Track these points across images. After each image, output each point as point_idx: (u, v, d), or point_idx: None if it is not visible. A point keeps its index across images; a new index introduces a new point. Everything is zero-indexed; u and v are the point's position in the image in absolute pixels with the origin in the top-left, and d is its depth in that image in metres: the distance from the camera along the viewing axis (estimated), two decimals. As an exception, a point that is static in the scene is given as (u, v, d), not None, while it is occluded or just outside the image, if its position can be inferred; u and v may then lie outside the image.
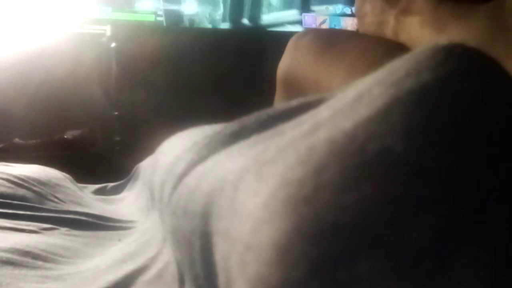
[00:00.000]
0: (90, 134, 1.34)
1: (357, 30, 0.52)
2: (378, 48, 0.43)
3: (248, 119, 0.24)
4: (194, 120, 0.38)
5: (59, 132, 1.31)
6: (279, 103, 0.53)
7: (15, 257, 0.41)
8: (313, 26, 1.57)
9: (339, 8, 1.60)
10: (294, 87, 0.50)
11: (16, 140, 1.27)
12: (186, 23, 1.58)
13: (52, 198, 0.59)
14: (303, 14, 1.59)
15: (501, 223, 0.13)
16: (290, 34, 0.52)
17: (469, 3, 0.38)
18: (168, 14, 1.54)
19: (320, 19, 1.60)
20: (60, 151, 1.27)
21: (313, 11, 1.60)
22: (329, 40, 0.48)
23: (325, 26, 1.58)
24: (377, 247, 0.12)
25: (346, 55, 0.44)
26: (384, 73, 0.16)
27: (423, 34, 0.40)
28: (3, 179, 0.57)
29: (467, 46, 0.16)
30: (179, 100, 1.31)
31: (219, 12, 1.61)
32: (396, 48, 0.42)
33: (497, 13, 0.35)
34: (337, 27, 1.57)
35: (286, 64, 0.51)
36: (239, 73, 1.34)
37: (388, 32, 0.44)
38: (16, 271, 0.39)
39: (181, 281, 0.33)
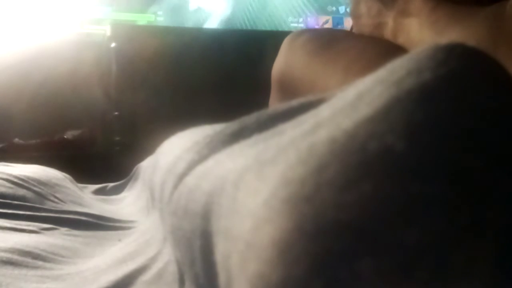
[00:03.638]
0: (90, 134, 1.34)
1: (351, 30, 0.51)
2: (374, 48, 0.42)
3: (249, 119, 0.24)
4: (194, 120, 0.38)
5: (59, 132, 1.31)
6: (274, 104, 0.52)
7: (15, 257, 0.41)
8: (316, 27, 1.57)
9: (342, 8, 1.60)
10: (289, 88, 0.49)
11: (16, 140, 1.27)
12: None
13: (52, 198, 0.59)
14: (304, 15, 1.59)
15: (502, 222, 0.13)
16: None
17: (467, 6, 0.38)
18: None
19: (322, 20, 1.59)
20: (60, 151, 1.27)
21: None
22: (325, 40, 0.47)
23: (328, 26, 1.58)
24: (378, 245, 0.12)
25: (342, 55, 0.44)
26: (385, 73, 0.16)
27: (422, 36, 0.40)
28: (3, 179, 0.57)
29: (467, 45, 0.16)
30: (179, 100, 1.31)
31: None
32: (393, 48, 0.42)
33: (497, 19, 0.34)
34: (339, 27, 1.57)
35: (281, 64, 0.50)
36: (239, 73, 1.34)
37: (387, 34, 0.44)
38: (16, 271, 0.39)
39: (181, 281, 0.34)
